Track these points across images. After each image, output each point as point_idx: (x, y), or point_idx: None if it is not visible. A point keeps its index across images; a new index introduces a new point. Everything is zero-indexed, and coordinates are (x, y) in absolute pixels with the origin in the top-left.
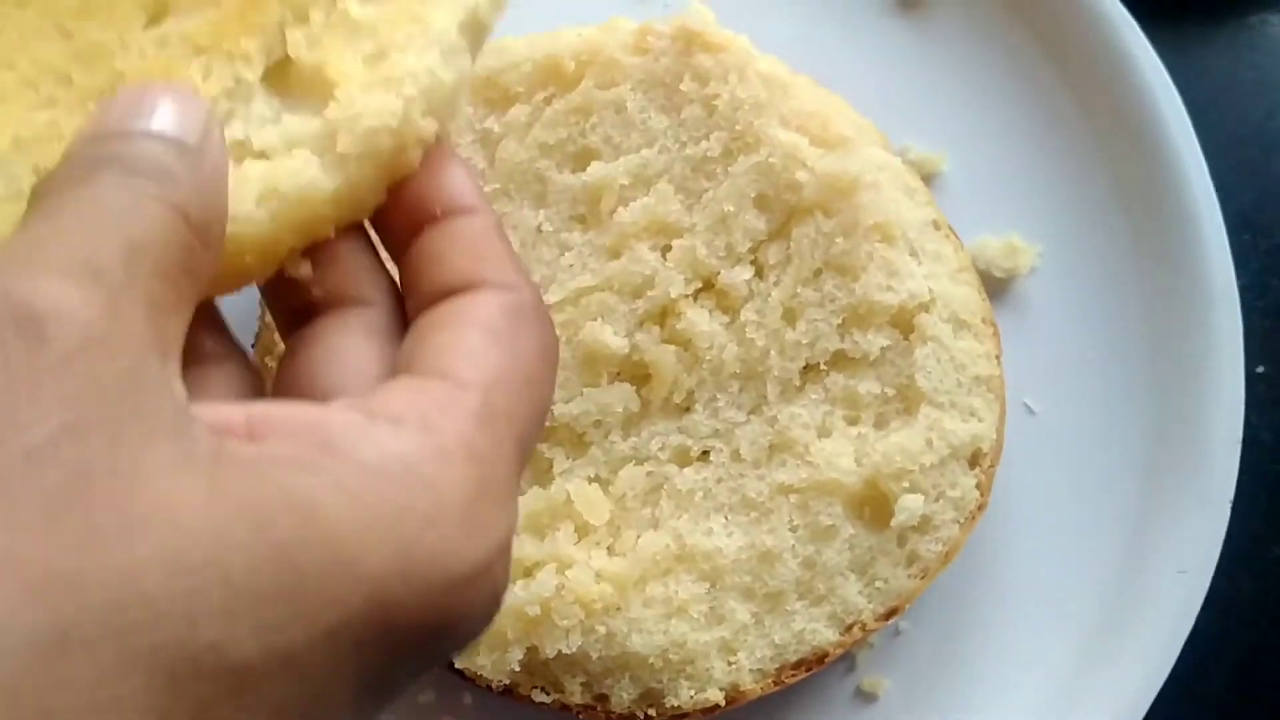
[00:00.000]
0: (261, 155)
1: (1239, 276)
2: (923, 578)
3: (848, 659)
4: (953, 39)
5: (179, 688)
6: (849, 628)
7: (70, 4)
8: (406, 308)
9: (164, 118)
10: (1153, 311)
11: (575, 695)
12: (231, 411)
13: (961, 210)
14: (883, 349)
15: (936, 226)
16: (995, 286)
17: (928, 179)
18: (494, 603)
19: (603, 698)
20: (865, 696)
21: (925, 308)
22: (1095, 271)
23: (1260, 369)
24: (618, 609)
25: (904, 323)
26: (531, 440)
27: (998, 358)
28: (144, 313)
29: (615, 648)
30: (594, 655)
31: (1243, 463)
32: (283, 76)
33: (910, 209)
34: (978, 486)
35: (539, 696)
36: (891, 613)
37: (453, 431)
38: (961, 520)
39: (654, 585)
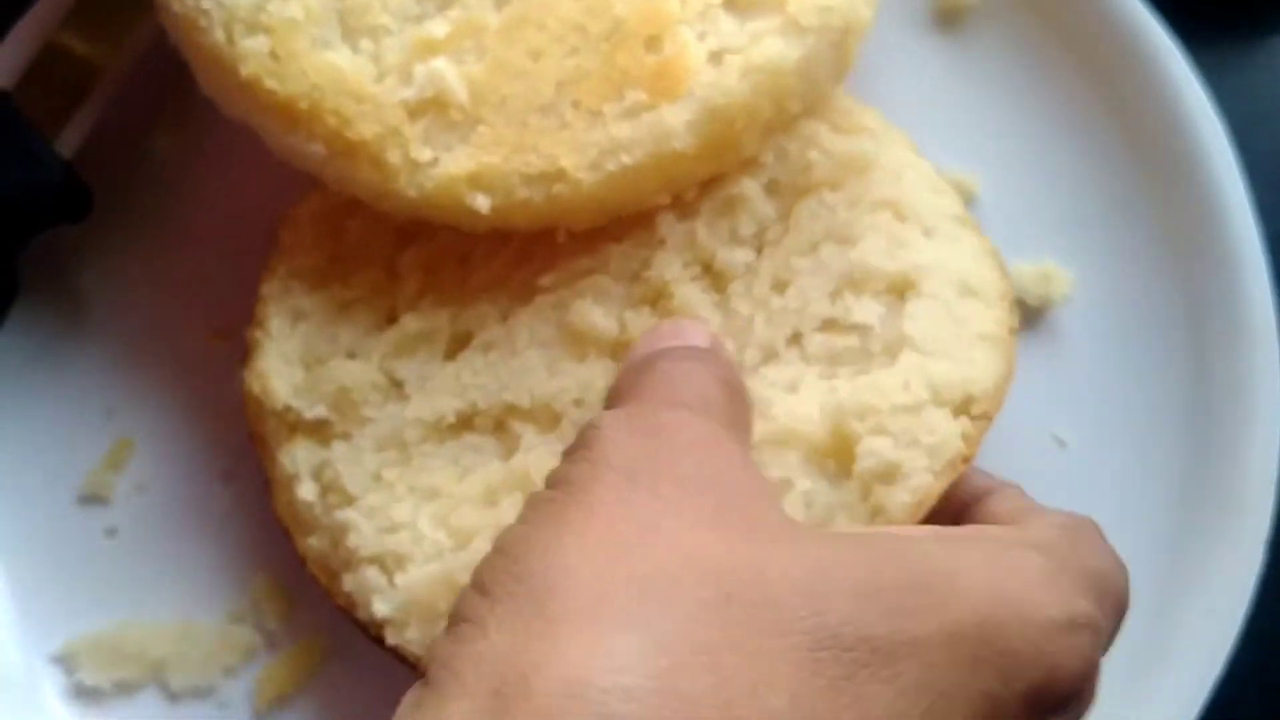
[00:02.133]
0: (737, 52)
1: (1277, 297)
2: None
3: None
4: (991, 59)
5: (821, 655)
6: None
7: None
8: None
9: (691, 335)
10: (1190, 346)
11: None
12: None
13: (994, 235)
14: (879, 315)
15: (962, 223)
16: (1028, 314)
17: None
18: (1088, 666)
19: None
20: None
21: (930, 273)
22: (1132, 302)
23: None
24: None
25: (902, 289)
26: (1098, 593)
27: (1012, 331)
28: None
29: None
30: None
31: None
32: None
33: (932, 199)
34: (963, 436)
35: None
36: None
37: (1039, 529)
38: (937, 469)
39: None
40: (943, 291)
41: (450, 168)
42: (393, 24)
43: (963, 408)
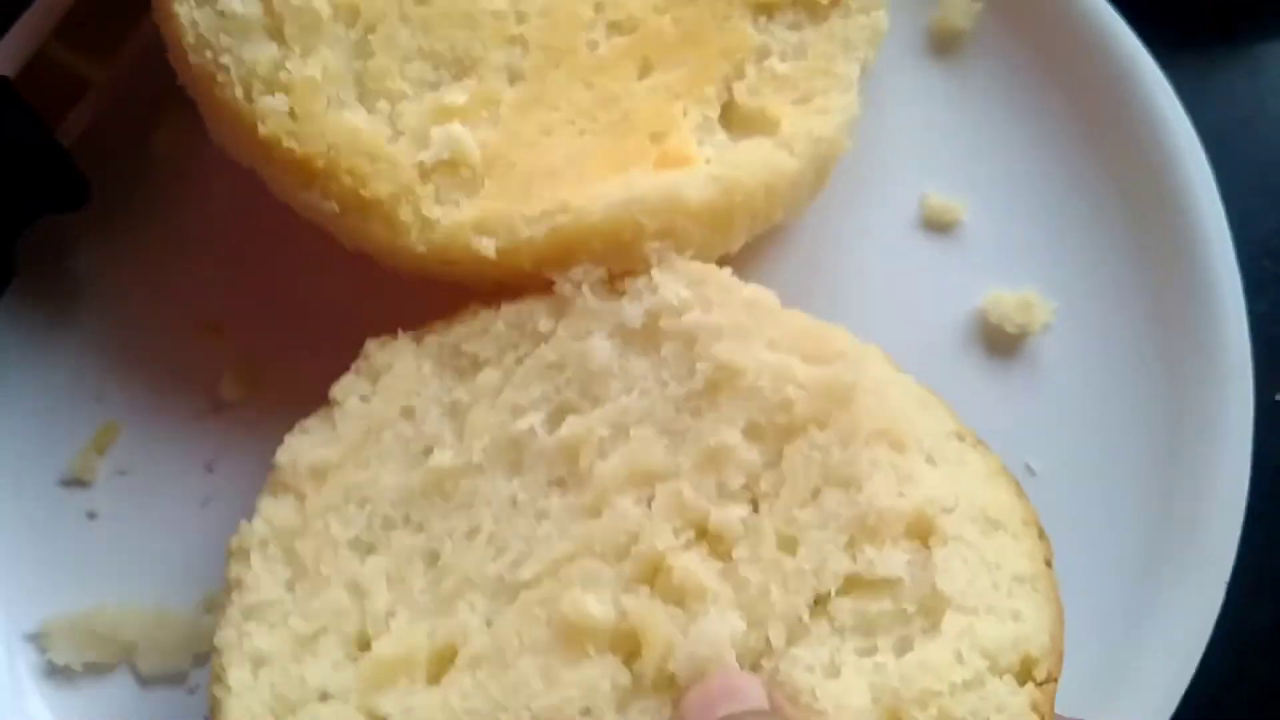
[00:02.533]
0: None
1: (1258, 303)
2: None
3: None
4: (983, 88)
5: None
6: None
7: (590, 64)
8: None
9: (747, 696)
10: (1165, 381)
11: None
12: None
13: (979, 261)
14: (906, 564)
15: (960, 438)
16: (1006, 342)
17: (947, 227)
18: None
19: None
20: None
21: (948, 511)
22: (1109, 336)
23: (1279, 397)
24: None
25: (922, 531)
26: None
27: (1048, 562)
28: None
29: None
30: None
31: (1261, 491)
32: (728, 116)
33: (925, 419)
34: (1034, 708)
35: None
36: None
37: None
38: None
39: None
40: (966, 530)
41: (457, 218)
42: (409, 89)
43: (1025, 672)
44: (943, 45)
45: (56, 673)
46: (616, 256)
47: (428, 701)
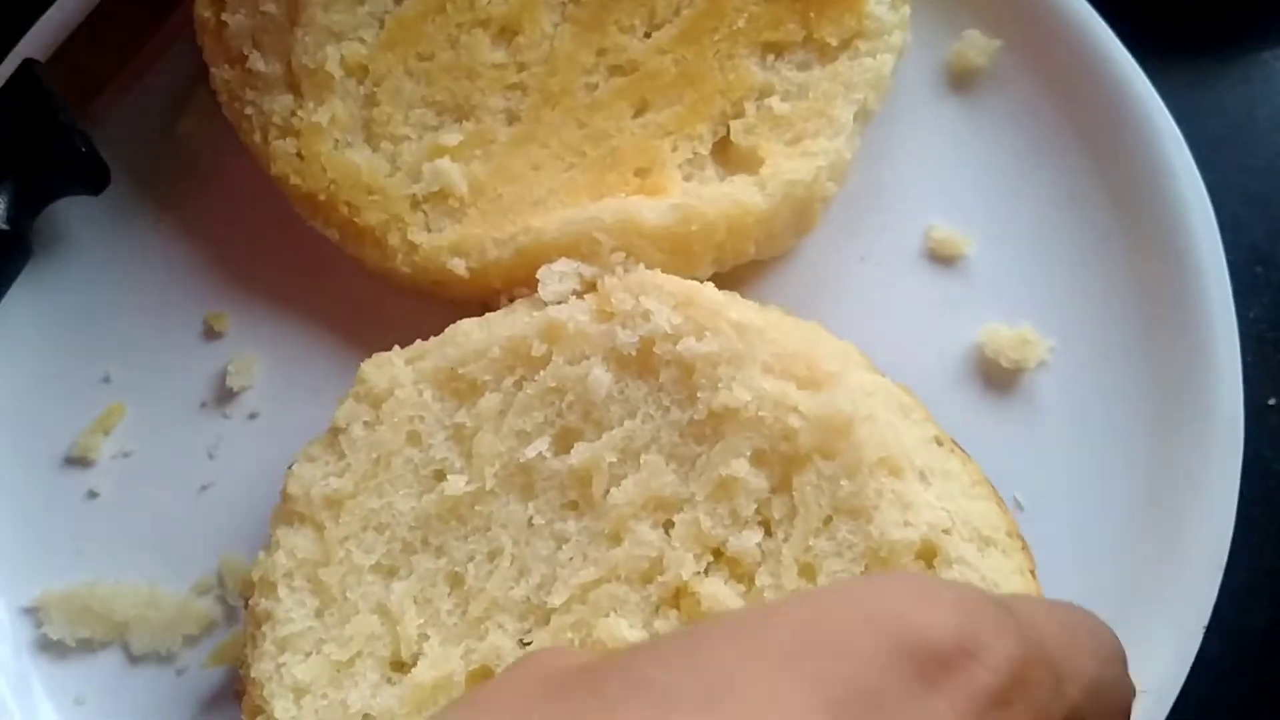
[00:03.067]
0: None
1: (1250, 309)
2: None
3: None
4: (997, 124)
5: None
6: None
7: (584, 102)
8: None
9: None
10: (1155, 426)
11: None
12: None
13: (979, 295)
14: None
15: (939, 442)
16: (1001, 376)
17: (951, 260)
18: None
19: None
20: None
21: (947, 533)
22: (1103, 377)
23: (1271, 401)
24: None
25: (928, 553)
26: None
27: (1032, 572)
28: None
29: None
30: None
31: (1257, 493)
32: (723, 153)
33: (909, 429)
34: None
35: None
36: None
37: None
38: None
39: None
40: (966, 552)
41: (437, 242)
42: (411, 132)
43: None
44: (959, 81)
45: (50, 646)
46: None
47: None
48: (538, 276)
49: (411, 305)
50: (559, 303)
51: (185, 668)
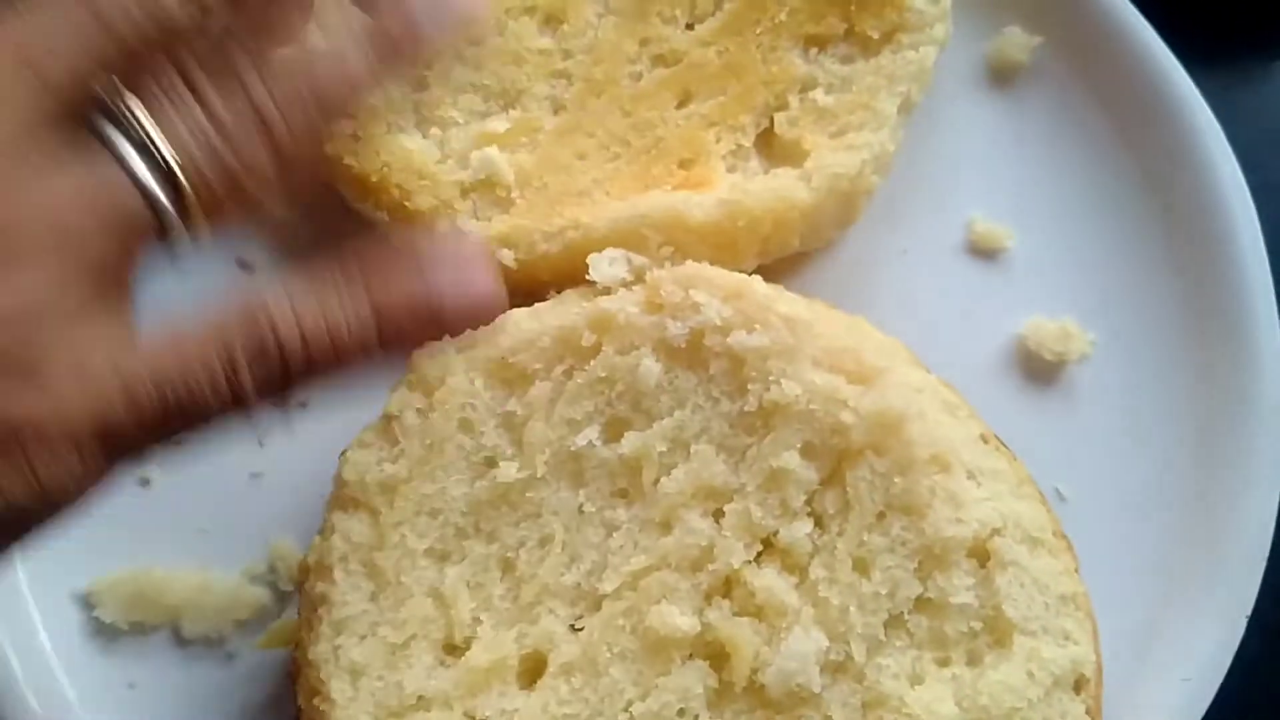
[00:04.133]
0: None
1: None
2: None
3: None
4: (1037, 118)
5: None
6: None
7: (629, 92)
8: None
9: None
10: (1197, 420)
11: None
12: None
13: (1020, 287)
14: (972, 589)
15: (985, 440)
16: (1042, 368)
17: (992, 252)
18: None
19: None
20: None
21: (998, 532)
22: (1145, 370)
23: None
24: None
25: (979, 551)
26: None
27: (1076, 571)
28: None
29: None
30: None
31: None
32: (766, 145)
33: (955, 428)
34: (1088, 713)
35: None
36: None
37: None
38: None
39: None
40: (1018, 554)
41: (487, 232)
42: (460, 118)
43: (1079, 686)
44: (1000, 76)
45: (102, 630)
46: None
47: (526, 705)
48: (588, 262)
49: None
50: (609, 286)
51: (236, 652)
